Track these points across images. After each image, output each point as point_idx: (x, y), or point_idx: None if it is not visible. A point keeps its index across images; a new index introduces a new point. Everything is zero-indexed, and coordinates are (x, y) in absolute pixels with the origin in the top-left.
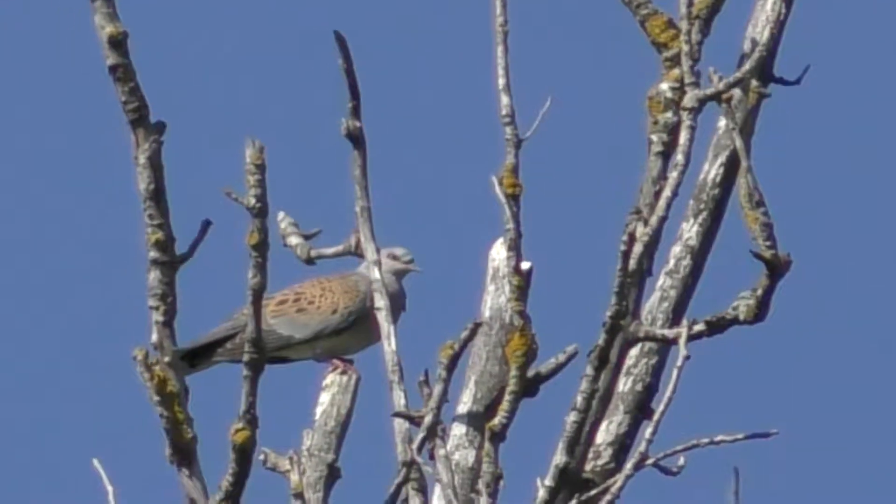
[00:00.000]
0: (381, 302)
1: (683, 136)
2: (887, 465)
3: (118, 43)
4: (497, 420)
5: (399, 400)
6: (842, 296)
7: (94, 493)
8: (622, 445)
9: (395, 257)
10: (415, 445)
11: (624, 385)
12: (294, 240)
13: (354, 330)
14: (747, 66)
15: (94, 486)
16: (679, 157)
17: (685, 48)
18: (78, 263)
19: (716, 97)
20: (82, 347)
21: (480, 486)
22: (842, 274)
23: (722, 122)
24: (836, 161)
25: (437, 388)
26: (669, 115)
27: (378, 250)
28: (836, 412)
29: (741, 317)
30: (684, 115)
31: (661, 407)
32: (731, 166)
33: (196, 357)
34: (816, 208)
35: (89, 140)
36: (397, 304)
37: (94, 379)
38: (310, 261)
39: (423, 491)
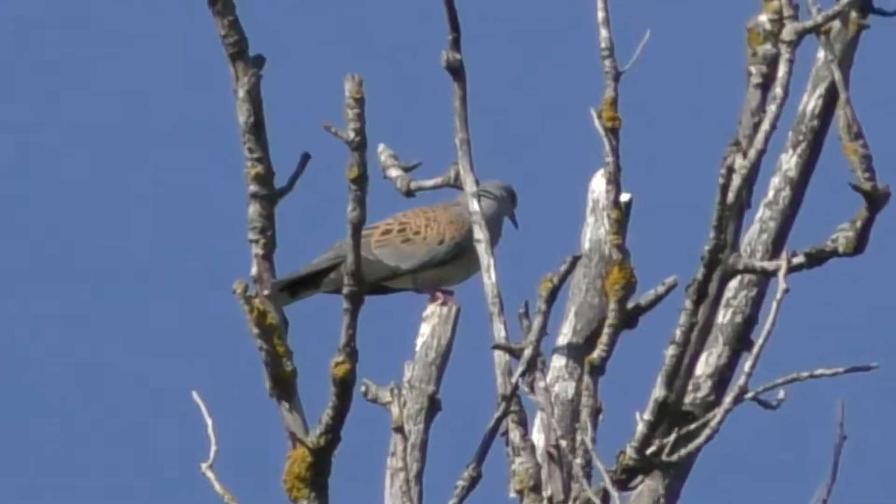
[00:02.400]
0: (480, 234)
1: (782, 69)
2: None
3: None
4: (596, 353)
5: (499, 332)
6: None
7: (195, 425)
8: (722, 378)
9: (506, 190)
10: (515, 378)
11: (723, 317)
12: (394, 172)
13: (458, 261)
14: None
15: (194, 417)
16: (778, 90)
17: None
18: (180, 197)
19: (815, 29)
20: (184, 281)
21: (581, 419)
22: None
23: (821, 54)
24: None
25: (537, 321)
26: (768, 46)
27: (477, 182)
28: None
29: (840, 249)
30: (783, 47)
31: (761, 340)
32: (830, 98)
33: (297, 288)
34: None
35: (190, 73)
36: (494, 233)
37: (195, 312)
38: (409, 193)
39: (524, 423)
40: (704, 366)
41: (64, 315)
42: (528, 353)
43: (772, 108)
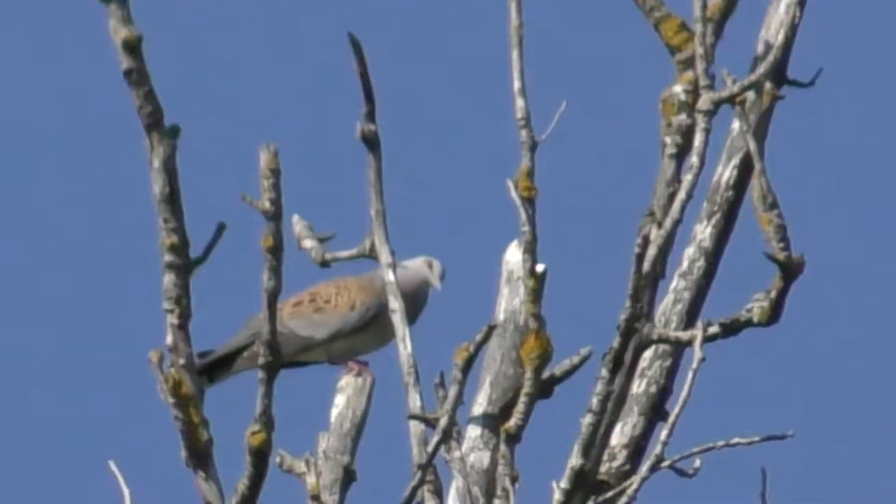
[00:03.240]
0: (395, 304)
1: (698, 139)
2: None
3: (133, 47)
4: (512, 422)
5: (414, 402)
6: (855, 297)
7: (111, 496)
8: (637, 447)
9: (430, 265)
10: (431, 447)
11: (638, 387)
12: (309, 243)
13: (371, 329)
14: (761, 69)
15: (110, 488)
16: (694, 159)
17: (700, 51)
18: (93, 266)
19: (730, 100)
20: (98, 350)
21: (497, 489)
22: (855, 276)
23: (736, 125)
24: (849, 163)
25: (453, 391)
26: (683, 117)
27: (393, 253)
28: (851, 413)
29: (755, 319)
30: (699, 117)
31: (677, 409)
32: (745, 168)
33: (215, 370)
34: (830, 210)
35: (104, 144)
36: (415, 304)
37: (109, 382)
38: (325, 264)
39: (439, 493)
40: (620, 435)
41: None
42: (443, 422)
43: (688, 178)
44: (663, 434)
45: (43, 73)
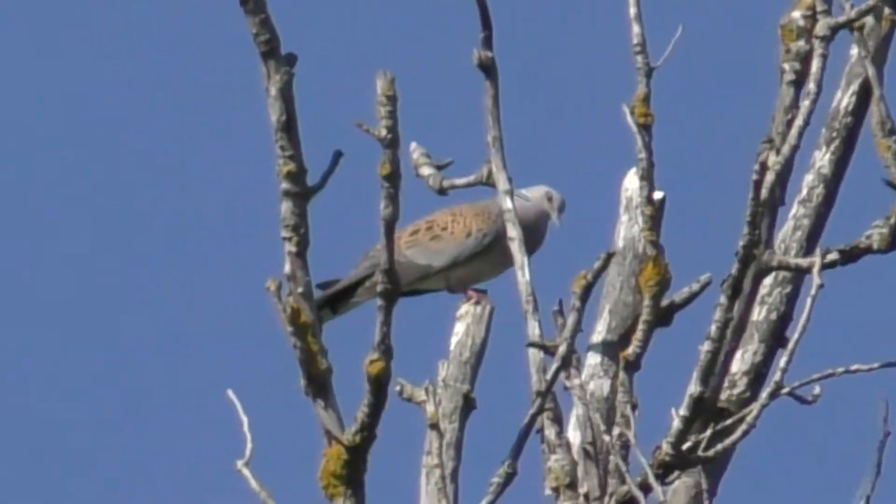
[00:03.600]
0: (513, 232)
1: (815, 65)
2: None
3: None
4: (631, 349)
5: (533, 330)
6: None
7: (231, 423)
8: (757, 374)
9: (550, 198)
10: (550, 374)
11: (758, 314)
12: (426, 170)
13: (488, 255)
14: None
15: (229, 416)
16: (811, 85)
17: None
18: (212, 196)
19: (848, 25)
20: (217, 279)
21: (616, 416)
22: None
23: (854, 50)
24: None
25: (571, 318)
26: (801, 43)
27: (510, 179)
28: None
29: (875, 245)
30: (816, 43)
31: (796, 336)
32: (864, 94)
33: (337, 301)
34: None
35: (222, 72)
36: (534, 236)
37: (229, 310)
38: (442, 191)
39: (559, 421)
40: (740, 363)
41: (99, 314)
42: (562, 350)
43: (805, 104)
44: (783, 361)
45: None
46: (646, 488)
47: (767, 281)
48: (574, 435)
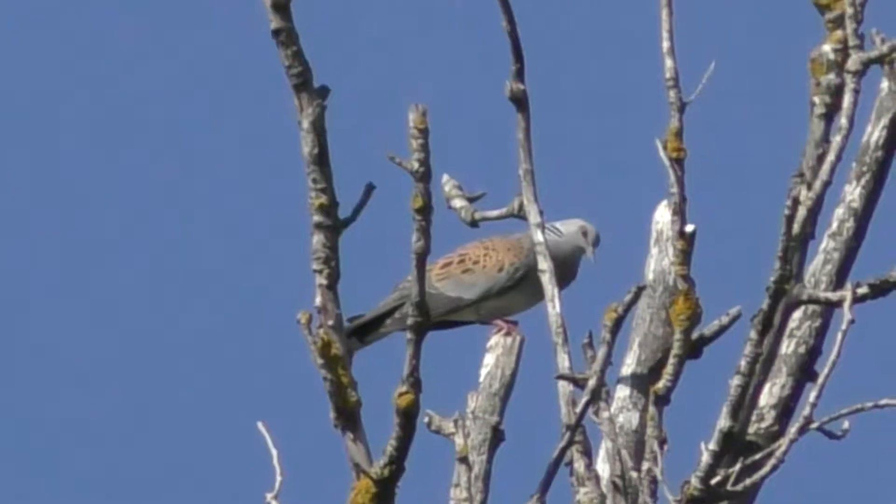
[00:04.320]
0: (544, 264)
1: (847, 100)
2: None
3: (282, 7)
4: (661, 383)
5: (563, 362)
6: None
7: (261, 456)
8: (786, 408)
9: (585, 233)
10: (579, 407)
11: (787, 347)
12: (458, 202)
13: (520, 289)
14: None
15: (260, 448)
16: (843, 120)
17: (849, 10)
18: (244, 228)
19: (879, 60)
20: (248, 311)
21: (646, 450)
22: None
23: (885, 84)
24: None
25: (601, 351)
26: (832, 76)
27: (542, 212)
28: None
29: None
30: (848, 77)
31: (826, 370)
32: (895, 128)
33: (366, 331)
34: None
35: (254, 105)
36: (566, 271)
37: (259, 343)
38: (474, 223)
39: (588, 454)
40: (768, 396)
41: (136, 341)
42: (592, 383)
43: (837, 139)
44: (812, 395)
45: (193, 32)
46: None
47: (797, 314)
48: (603, 468)
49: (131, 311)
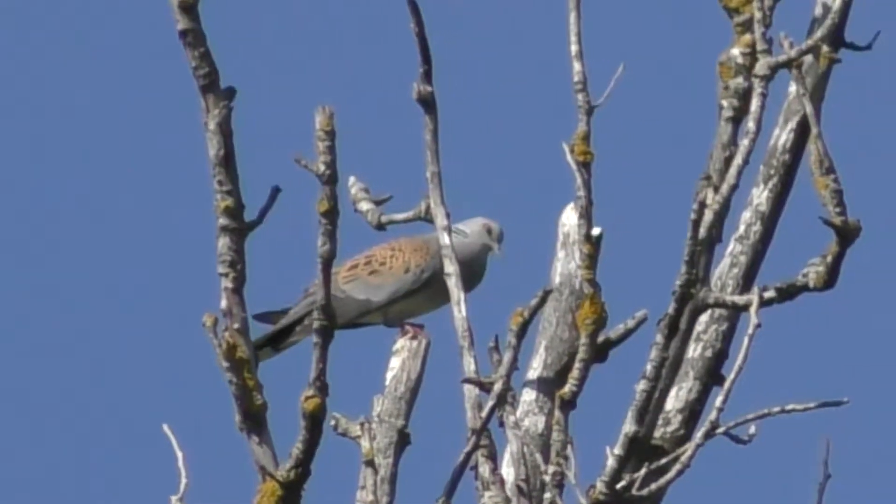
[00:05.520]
0: (450, 267)
1: (755, 104)
2: None
3: (189, 7)
4: (567, 388)
5: (469, 366)
6: None
7: (165, 459)
8: (692, 412)
9: (489, 230)
10: (485, 412)
11: (694, 351)
12: (365, 205)
13: (427, 291)
14: (819, 33)
15: (164, 451)
16: (751, 124)
17: (758, 15)
18: (150, 230)
19: (787, 64)
20: (154, 314)
21: (552, 453)
22: None
23: (792, 88)
24: None
25: (507, 355)
26: (740, 80)
27: (448, 215)
28: None
29: (811, 283)
30: (756, 82)
31: (732, 375)
32: (802, 132)
33: (279, 340)
34: (886, 174)
35: (160, 106)
36: (473, 273)
37: (165, 345)
38: (380, 226)
39: (493, 458)
40: (675, 400)
41: (35, 343)
42: (498, 387)
43: (744, 143)
44: (718, 400)
45: (99, 34)
46: None
47: (703, 318)
48: (508, 472)
49: (37, 312)
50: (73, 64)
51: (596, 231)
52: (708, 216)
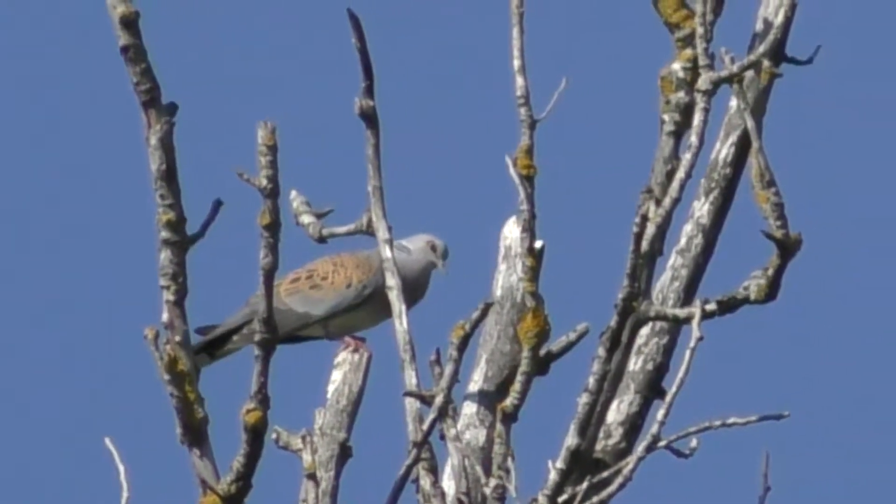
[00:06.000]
0: (391, 280)
1: (697, 118)
2: None
3: (130, 23)
4: (509, 401)
5: (410, 379)
6: (852, 276)
7: (106, 472)
8: (633, 425)
9: (433, 247)
10: (426, 425)
11: (635, 364)
12: (306, 218)
13: (368, 306)
14: (761, 48)
15: (106, 464)
16: (693, 138)
17: (699, 30)
18: (91, 244)
19: (729, 80)
20: (95, 327)
21: (493, 466)
22: (852, 254)
23: (734, 102)
24: (847, 141)
25: (449, 368)
26: (682, 94)
27: (390, 228)
28: (847, 392)
29: (752, 296)
30: (698, 97)
31: (674, 388)
32: (743, 146)
33: (215, 347)
34: (827, 188)
35: (101, 121)
36: (416, 289)
37: (106, 358)
38: (322, 239)
39: (434, 471)
40: (616, 413)
41: None
42: (439, 400)
43: (687, 157)
44: (660, 414)
45: (40, 49)
46: None
47: (644, 331)
48: (449, 485)
49: None
50: (15, 78)
51: (538, 244)
52: (650, 229)
